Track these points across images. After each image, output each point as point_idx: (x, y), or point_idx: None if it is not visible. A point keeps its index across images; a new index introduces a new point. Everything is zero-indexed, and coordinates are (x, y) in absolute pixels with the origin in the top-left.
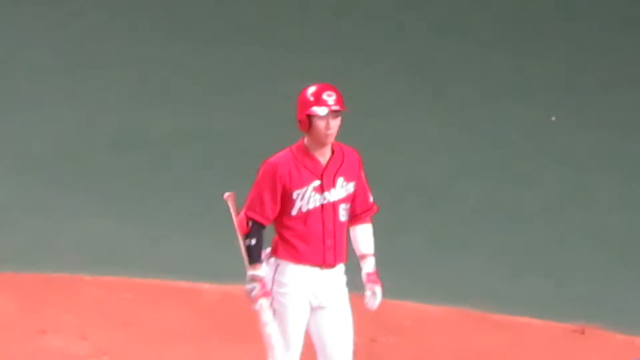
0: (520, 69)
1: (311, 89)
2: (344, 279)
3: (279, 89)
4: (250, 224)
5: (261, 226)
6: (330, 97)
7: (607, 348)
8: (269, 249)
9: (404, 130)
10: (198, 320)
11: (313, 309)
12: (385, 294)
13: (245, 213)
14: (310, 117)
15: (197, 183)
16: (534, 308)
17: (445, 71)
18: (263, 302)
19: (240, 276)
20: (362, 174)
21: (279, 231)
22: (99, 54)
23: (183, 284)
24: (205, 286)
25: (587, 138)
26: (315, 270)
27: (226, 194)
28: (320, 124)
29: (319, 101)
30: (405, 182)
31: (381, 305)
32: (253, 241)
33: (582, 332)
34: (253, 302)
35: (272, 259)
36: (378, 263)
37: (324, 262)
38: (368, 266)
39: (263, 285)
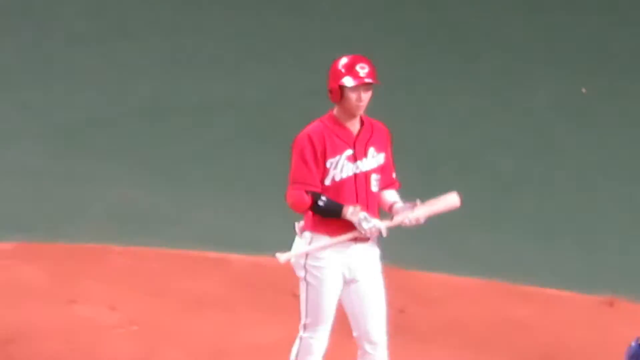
0: (552, 39)
1: (344, 60)
2: (377, 252)
3: (311, 58)
4: (308, 193)
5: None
6: (363, 70)
7: (636, 320)
8: (302, 222)
9: (435, 100)
10: (228, 290)
11: (347, 282)
12: (413, 264)
13: (297, 189)
14: (342, 88)
15: (228, 152)
16: (563, 279)
17: (477, 41)
18: (381, 224)
19: (271, 247)
20: (390, 149)
21: None
22: (131, 22)
23: (212, 254)
24: (235, 257)
25: (618, 108)
26: (350, 243)
27: (282, 259)
28: (352, 96)
29: (352, 72)
30: (436, 153)
31: (410, 276)
32: (323, 198)
33: (611, 304)
34: (377, 232)
35: (306, 233)
36: (407, 234)
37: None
38: (399, 206)
39: (365, 215)
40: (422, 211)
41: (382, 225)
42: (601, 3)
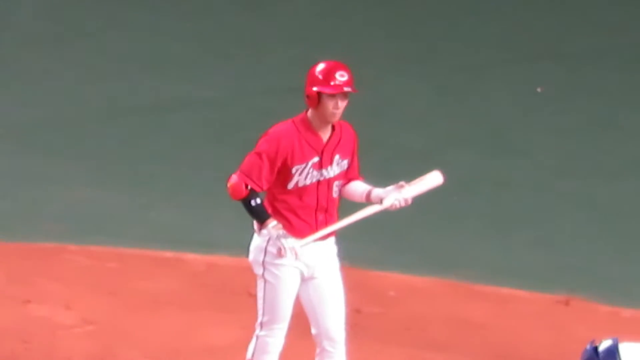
0: (509, 38)
1: (324, 66)
2: (335, 249)
3: (267, 57)
4: (248, 187)
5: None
6: (342, 77)
7: (592, 319)
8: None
9: (392, 98)
10: (184, 289)
11: (305, 280)
12: (370, 264)
13: (240, 177)
14: (319, 94)
15: (185, 152)
16: (520, 279)
17: (434, 40)
18: (296, 245)
19: (226, 246)
20: (356, 152)
21: (272, 204)
22: (88, 22)
23: (168, 253)
24: (191, 256)
25: (575, 107)
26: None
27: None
28: (329, 103)
29: (331, 79)
30: (393, 150)
31: (366, 275)
32: (258, 200)
33: (567, 304)
34: (289, 252)
35: (265, 231)
36: (362, 234)
37: (313, 232)
38: (380, 190)
39: (284, 232)
40: (410, 191)
41: (299, 244)
42: (556, 3)
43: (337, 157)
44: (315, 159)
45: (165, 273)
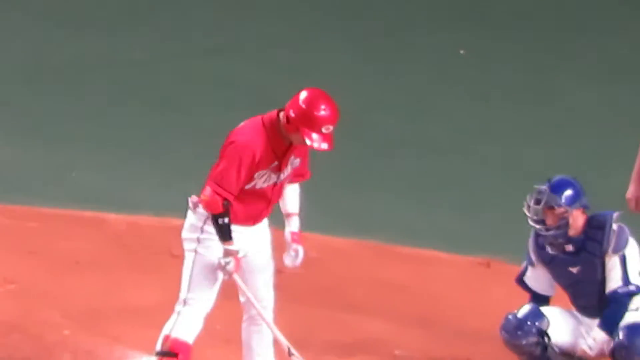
0: (431, 1)
1: (322, 112)
2: (266, 223)
3: (194, 17)
4: (224, 204)
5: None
6: (327, 131)
7: (512, 281)
8: (194, 197)
9: (313, 61)
10: (105, 249)
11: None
12: None
13: (216, 191)
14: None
15: (106, 111)
16: (441, 241)
17: (356, 2)
18: (236, 277)
19: (148, 206)
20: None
21: None
22: None
23: (89, 213)
24: (112, 216)
25: (497, 70)
26: (246, 227)
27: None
28: (302, 139)
29: (318, 129)
30: None
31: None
32: (227, 219)
33: (488, 266)
34: (228, 274)
35: (200, 209)
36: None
37: (255, 223)
38: (293, 225)
39: (237, 260)
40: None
41: (237, 254)
42: None
43: (291, 158)
44: (275, 163)
45: (86, 233)
